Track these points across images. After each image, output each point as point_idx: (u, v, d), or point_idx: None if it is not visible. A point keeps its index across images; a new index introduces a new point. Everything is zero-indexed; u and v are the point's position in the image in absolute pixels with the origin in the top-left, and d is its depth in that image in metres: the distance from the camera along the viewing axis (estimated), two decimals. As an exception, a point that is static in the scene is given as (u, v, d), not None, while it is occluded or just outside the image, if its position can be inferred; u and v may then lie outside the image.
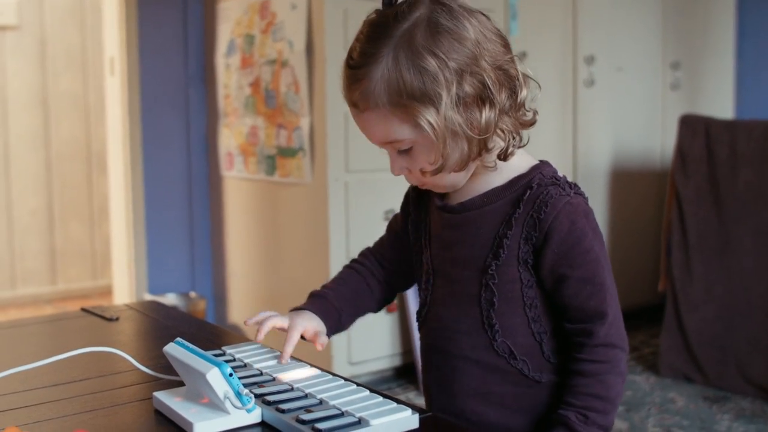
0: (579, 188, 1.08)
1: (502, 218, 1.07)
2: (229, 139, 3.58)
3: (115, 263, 3.98)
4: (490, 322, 1.08)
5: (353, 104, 1.05)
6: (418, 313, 1.19)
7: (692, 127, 3.26)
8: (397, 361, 3.22)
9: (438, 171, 1.04)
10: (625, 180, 3.86)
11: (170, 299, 3.60)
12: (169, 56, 3.74)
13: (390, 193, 3.10)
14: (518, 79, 1.04)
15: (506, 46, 1.05)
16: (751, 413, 2.88)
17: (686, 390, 3.12)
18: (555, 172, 1.09)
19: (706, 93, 4.22)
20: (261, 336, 1.16)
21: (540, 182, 1.06)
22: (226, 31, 3.56)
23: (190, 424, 0.93)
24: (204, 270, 3.86)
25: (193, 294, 3.73)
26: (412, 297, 3.12)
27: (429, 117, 0.99)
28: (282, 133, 3.18)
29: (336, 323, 1.23)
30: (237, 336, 1.44)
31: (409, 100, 0.99)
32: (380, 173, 3.05)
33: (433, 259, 1.15)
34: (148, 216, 3.73)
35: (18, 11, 4.78)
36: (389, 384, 3.16)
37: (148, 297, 3.62)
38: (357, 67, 1.02)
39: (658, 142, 4.01)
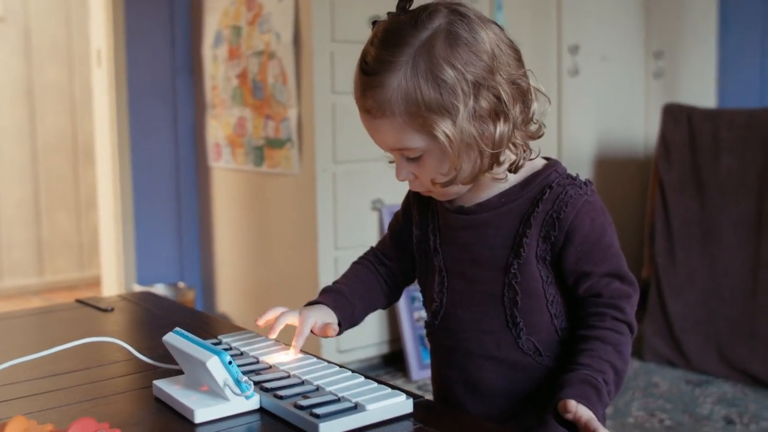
0: (592, 185, 1.09)
1: (520, 217, 1.08)
2: (217, 130, 3.60)
3: (103, 254, 3.99)
4: (514, 320, 1.09)
5: (366, 110, 1.03)
6: (433, 315, 1.17)
7: (675, 115, 3.30)
8: (384, 349, 3.25)
9: (449, 182, 1.04)
10: (609, 168, 3.90)
11: (159, 289, 3.61)
12: (156, 48, 3.74)
13: (377, 184, 3.13)
14: (530, 93, 1.05)
15: (519, 59, 1.05)
16: (733, 396, 2.93)
17: (669, 374, 3.18)
18: (566, 170, 1.11)
19: (688, 82, 4.26)
20: (274, 335, 1.16)
21: (558, 182, 1.07)
22: (213, 23, 3.57)
23: (191, 411, 0.95)
24: (192, 260, 3.88)
25: (181, 284, 3.75)
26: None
27: (445, 129, 0.99)
28: (270, 124, 3.20)
29: (350, 317, 1.22)
30: (230, 325, 1.47)
31: (426, 111, 0.98)
32: (368, 164, 3.08)
33: (446, 261, 1.15)
34: (136, 207, 3.74)
35: (2, 2, 4.77)
36: (377, 371, 3.20)
37: (137, 288, 3.64)
38: (372, 73, 1.01)
39: (642, 131, 4.05)
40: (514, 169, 1.07)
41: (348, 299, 1.22)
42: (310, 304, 1.22)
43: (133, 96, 3.70)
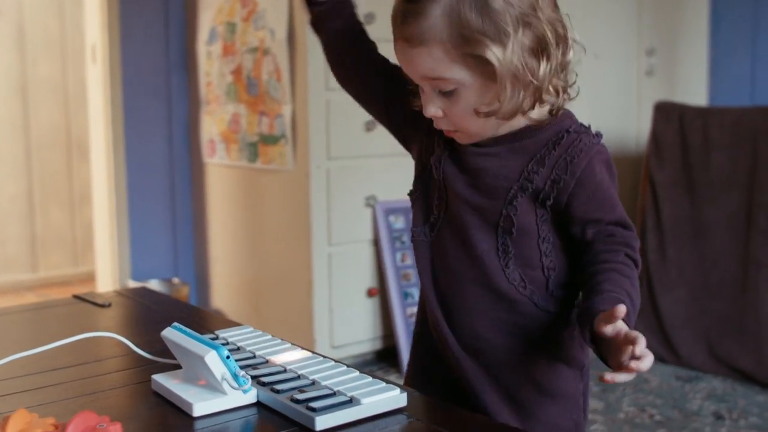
0: (603, 137, 1.12)
1: (532, 155, 1.09)
2: (211, 126, 3.61)
3: (98, 250, 4.00)
4: (505, 248, 1.10)
5: (405, 39, 1.04)
6: (430, 227, 1.17)
7: (666, 113, 3.33)
8: (378, 345, 3.27)
9: (490, 114, 1.05)
10: (601, 165, 3.92)
11: (153, 285, 3.63)
12: (150, 44, 3.76)
13: (371, 180, 3.15)
14: (567, 40, 1.06)
15: (557, 6, 1.07)
16: (722, 392, 2.97)
17: (660, 370, 3.21)
18: (578, 120, 1.13)
19: (680, 79, 4.29)
20: None
21: (574, 128, 1.10)
22: (207, 19, 3.59)
23: (190, 405, 0.97)
24: (186, 256, 3.89)
25: (176, 280, 3.76)
26: (392, 283, 3.17)
27: (497, 53, 1.00)
28: (264, 121, 3.22)
29: None
30: (226, 320, 1.49)
31: (476, 35, 0.99)
32: (361, 160, 3.10)
33: (447, 178, 1.15)
34: (130, 202, 3.76)
35: (-4, -3, 4.77)
36: (370, 367, 3.22)
37: (132, 283, 3.65)
38: (416, 0, 1.02)
39: (634, 128, 4.08)
40: (555, 112, 1.09)
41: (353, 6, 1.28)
42: None
43: (127, 92, 3.71)
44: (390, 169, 3.12)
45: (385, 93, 1.24)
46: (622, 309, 0.92)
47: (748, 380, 3.04)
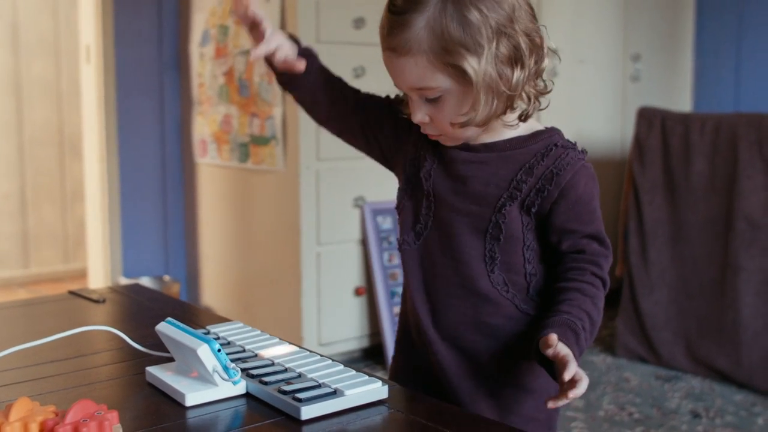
0: (587, 152, 1.19)
1: (521, 165, 1.15)
2: (203, 126, 3.66)
3: (90, 247, 4.04)
4: (492, 255, 1.16)
5: (391, 49, 1.09)
6: (416, 236, 1.23)
7: (649, 119, 3.39)
8: (365, 343, 3.33)
9: (466, 123, 1.11)
10: (586, 169, 3.98)
11: (145, 282, 3.67)
12: (144, 45, 3.80)
13: (360, 181, 3.21)
14: (542, 49, 1.12)
15: (534, 16, 1.12)
16: (700, 391, 3.04)
17: (640, 370, 3.28)
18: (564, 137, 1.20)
19: (665, 85, 4.35)
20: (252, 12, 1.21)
21: (562, 143, 1.16)
22: (200, 21, 3.63)
23: (182, 395, 1.02)
24: (177, 254, 3.94)
25: (167, 277, 3.81)
26: (380, 282, 3.23)
27: (473, 64, 1.05)
28: (255, 122, 3.27)
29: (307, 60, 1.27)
30: (217, 316, 1.53)
31: (455, 47, 1.05)
32: (350, 161, 3.15)
33: (435, 187, 1.20)
34: (123, 201, 3.80)
35: (-10, -4, 4.80)
36: (357, 364, 3.27)
37: (123, 280, 3.70)
38: (401, 13, 1.07)
39: (618, 133, 4.14)
40: (524, 117, 1.15)
41: (315, 56, 1.29)
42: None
43: (120, 92, 3.76)
44: (378, 171, 3.14)
45: (363, 126, 1.31)
46: (553, 338, 1.01)
47: (726, 380, 3.11)
